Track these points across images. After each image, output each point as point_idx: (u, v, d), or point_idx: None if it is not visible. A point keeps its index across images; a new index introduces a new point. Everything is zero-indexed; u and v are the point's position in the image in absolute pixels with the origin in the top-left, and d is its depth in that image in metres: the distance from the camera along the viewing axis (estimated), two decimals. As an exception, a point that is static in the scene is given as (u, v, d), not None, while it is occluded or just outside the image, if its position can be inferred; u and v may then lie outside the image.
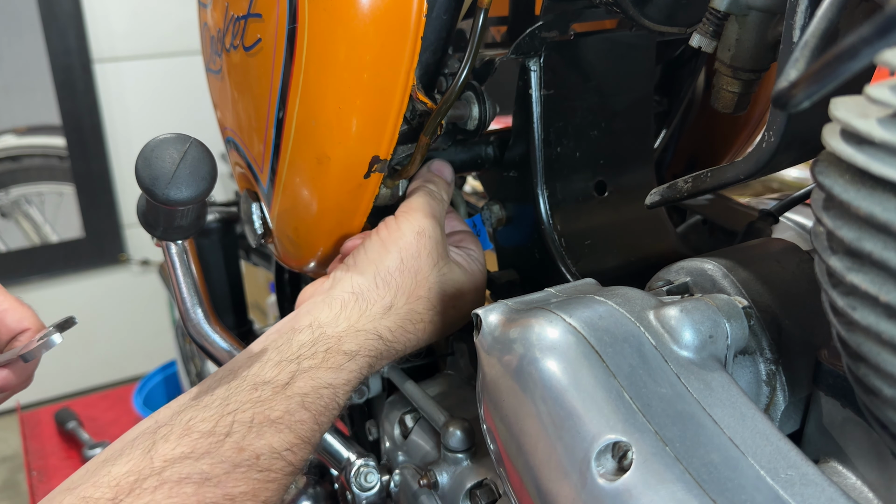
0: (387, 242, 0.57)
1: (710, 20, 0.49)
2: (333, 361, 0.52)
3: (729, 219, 0.74)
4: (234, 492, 0.45)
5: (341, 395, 0.52)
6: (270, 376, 0.49)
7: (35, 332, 0.61)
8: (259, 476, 0.46)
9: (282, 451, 0.47)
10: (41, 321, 0.63)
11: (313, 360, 0.51)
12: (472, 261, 0.62)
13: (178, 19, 2.13)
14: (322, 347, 0.52)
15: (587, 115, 0.64)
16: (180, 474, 0.43)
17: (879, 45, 0.25)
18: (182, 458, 0.44)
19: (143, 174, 0.49)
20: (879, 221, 0.28)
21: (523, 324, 0.41)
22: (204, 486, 0.43)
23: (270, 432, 0.47)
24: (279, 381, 0.49)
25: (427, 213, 0.58)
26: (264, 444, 0.47)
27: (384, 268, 0.56)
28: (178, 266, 0.62)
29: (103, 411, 1.99)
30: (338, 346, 0.52)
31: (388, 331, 0.55)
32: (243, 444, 0.46)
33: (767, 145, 0.44)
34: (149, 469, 0.43)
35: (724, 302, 0.43)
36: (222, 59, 0.69)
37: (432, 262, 0.58)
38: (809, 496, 0.33)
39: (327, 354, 0.51)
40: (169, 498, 0.42)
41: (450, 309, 0.59)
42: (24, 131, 2.11)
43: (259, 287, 1.92)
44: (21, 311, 0.62)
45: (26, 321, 0.61)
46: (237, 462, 0.45)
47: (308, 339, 0.52)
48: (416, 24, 0.53)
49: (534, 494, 0.39)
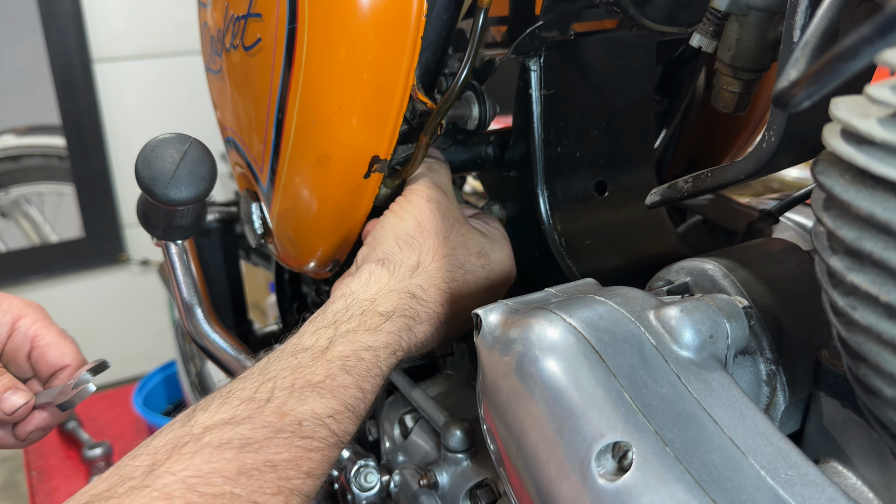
0: (400, 213, 0.58)
1: (711, 20, 0.49)
2: (370, 323, 0.51)
3: (729, 219, 0.74)
4: (275, 458, 0.43)
5: (383, 358, 0.51)
6: (309, 343, 0.49)
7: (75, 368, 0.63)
8: (302, 444, 0.44)
9: (325, 417, 0.46)
10: (82, 356, 0.64)
11: (350, 323, 0.51)
12: (493, 228, 0.63)
13: (178, 19, 2.13)
14: (357, 311, 0.51)
15: (587, 115, 0.64)
16: (220, 439, 0.42)
17: (879, 45, 0.25)
18: (222, 423, 0.43)
19: (143, 174, 0.49)
20: (880, 221, 0.28)
21: (523, 324, 0.41)
22: (244, 451, 0.42)
23: (313, 397, 0.46)
24: (318, 347, 0.49)
25: (431, 183, 0.59)
26: (307, 409, 0.45)
27: (403, 232, 0.57)
28: (178, 266, 0.62)
29: (103, 411, 1.98)
30: (372, 307, 0.52)
31: (420, 289, 0.55)
32: (285, 409, 0.44)
33: (768, 145, 0.44)
34: (188, 436, 0.42)
35: (724, 302, 0.43)
36: (222, 59, 0.69)
37: (449, 223, 0.58)
38: (810, 496, 0.33)
39: (363, 317, 0.51)
40: (208, 463, 0.41)
41: (479, 269, 0.59)
42: (24, 131, 2.11)
43: (259, 287, 1.92)
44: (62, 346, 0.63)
45: (67, 357, 0.63)
46: (279, 427, 0.44)
47: (342, 307, 0.52)
48: (416, 23, 0.53)
49: (534, 494, 0.39)
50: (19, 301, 0.63)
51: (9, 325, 0.62)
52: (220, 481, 0.40)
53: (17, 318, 0.62)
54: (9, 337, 0.62)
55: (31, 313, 0.63)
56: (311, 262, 0.68)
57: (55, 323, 0.64)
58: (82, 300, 2.21)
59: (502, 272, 0.61)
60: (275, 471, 0.43)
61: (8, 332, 0.62)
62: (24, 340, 0.62)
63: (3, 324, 0.62)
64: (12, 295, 0.64)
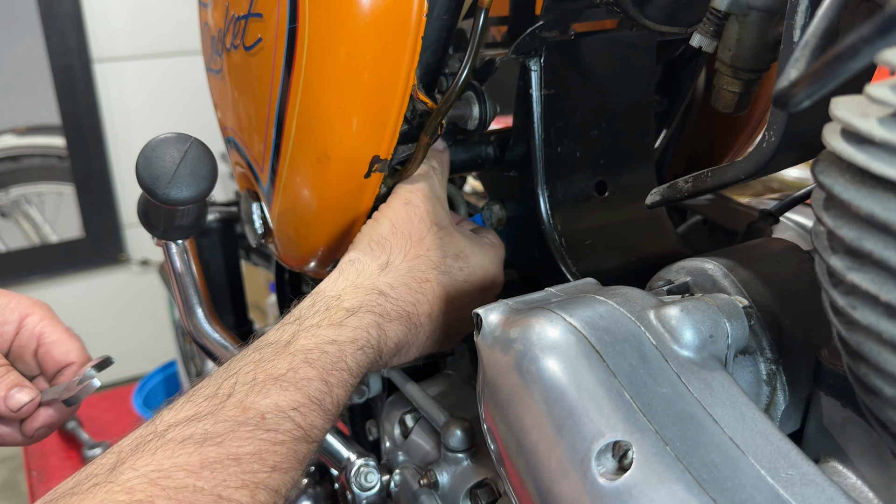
0: (378, 216, 0.59)
1: (711, 20, 0.49)
2: (335, 318, 0.51)
3: (729, 219, 0.74)
4: (239, 451, 0.43)
5: (349, 353, 0.50)
6: (273, 339, 0.49)
7: (80, 364, 0.64)
8: (266, 437, 0.44)
9: (288, 410, 0.46)
10: (87, 353, 0.65)
11: (314, 318, 0.51)
12: (481, 235, 0.63)
13: (178, 19, 2.13)
14: (322, 306, 0.52)
15: (588, 115, 0.64)
16: (182, 435, 0.42)
17: (879, 45, 0.25)
18: (185, 420, 0.43)
19: (143, 174, 0.49)
20: (880, 221, 0.28)
21: (524, 323, 0.41)
22: (206, 445, 0.42)
23: (275, 390, 0.46)
24: (281, 341, 0.49)
25: (413, 187, 0.59)
26: (269, 402, 0.45)
27: (376, 234, 0.57)
28: (178, 266, 0.62)
29: (103, 411, 1.98)
30: (338, 303, 0.52)
31: (388, 286, 0.55)
32: (247, 402, 0.45)
33: (768, 145, 0.44)
34: (152, 434, 0.43)
35: (724, 302, 0.43)
36: (223, 59, 0.69)
37: (426, 226, 0.58)
38: (809, 496, 0.33)
39: (328, 312, 0.51)
40: (170, 458, 0.41)
41: (456, 271, 0.59)
42: (24, 131, 2.11)
43: (259, 287, 1.92)
44: (68, 343, 0.64)
45: (72, 354, 0.63)
46: (241, 421, 0.44)
47: (308, 303, 0.52)
48: (417, 23, 0.53)
49: (534, 494, 0.39)
50: (26, 300, 0.64)
51: (16, 322, 0.63)
52: (182, 475, 0.41)
53: (24, 316, 0.63)
54: (16, 335, 0.63)
55: (38, 311, 0.64)
56: (311, 262, 0.68)
57: (61, 321, 0.65)
58: (82, 300, 2.21)
59: (483, 276, 0.61)
60: (238, 464, 0.43)
61: (15, 329, 0.63)
62: (31, 338, 0.63)
63: (11, 322, 0.63)
64: (19, 294, 0.64)
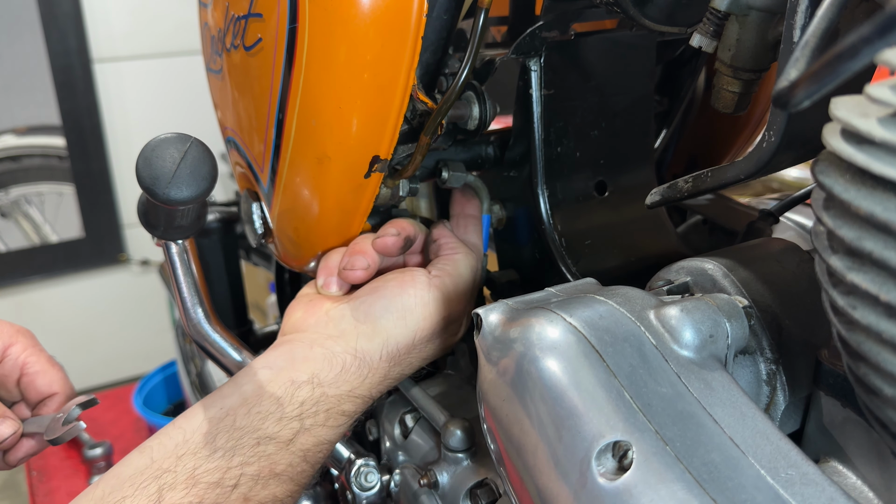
0: (407, 318, 0.57)
1: (711, 20, 0.49)
2: (334, 422, 0.54)
3: (729, 219, 0.74)
4: None
5: (335, 443, 0.56)
6: (273, 431, 0.51)
7: (63, 395, 0.64)
8: None
9: (283, 497, 0.51)
10: (70, 384, 0.65)
11: (315, 418, 0.53)
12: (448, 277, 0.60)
13: (178, 19, 2.13)
14: (323, 408, 0.54)
15: (587, 115, 0.64)
16: None
17: (879, 45, 0.25)
18: None
19: (143, 174, 0.49)
20: (880, 221, 0.28)
21: (524, 323, 0.41)
22: None
23: (274, 483, 0.50)
24: (283, 437, 0.51)
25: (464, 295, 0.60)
26: (268, 493, 0.50)
27: (394, 342, 0.57)
28: (178, 266, 0.62)
29: (103, 411, 1.98)
30: (338, 406, 0.54)
31: (378, 392, 0.58)
32: (249, 494, 0.49)
33: (768, 145, 0.44)
34: None
35: (724, 301, 0.43)
36: (223, 59, 0.69)
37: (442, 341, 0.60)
38: (809, 496, 0.33)
39: (328, 415, 0.54)
40: None
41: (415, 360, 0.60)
42: (24, 131, 2.11)
43: (259, 287, 1.92)
44: (51, 374, 0.64)
45: (55, 385, 0.63)
46: None
47: (309, 398, 0.53)
48: (417, 23, 0.53)
49: (534, 494, 0.39)
50: (10, 327, 0.64)
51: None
52: None
53: (7, 346, 0.63)
54: None
55: (22, 340, 0.63)
56: (311, 262, 0.68)
57: (44, 350, 0.65)
58: (82, 300, 2.21)
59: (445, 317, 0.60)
60: None
61: None
62: (14, 367, 0.63)
63: None
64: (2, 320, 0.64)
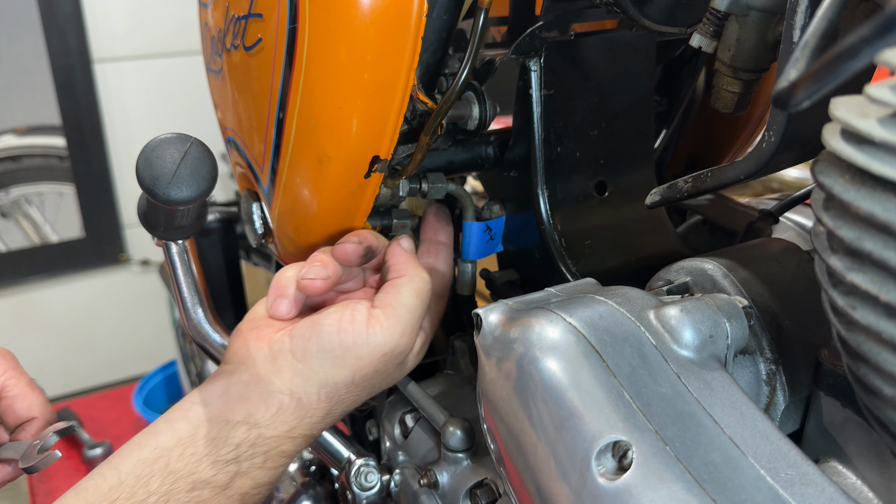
0: (346, 358, 0.53)
1: (711, 20, 0.49)
2: (273, 463, 0.53)
3: (729, 219, 0.74)
4: None
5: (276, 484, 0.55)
6: (208, 476, 0.50)
7: (43, 420, 0.63)
8: None
9: None
10: (50, 408, 0.64)
11: (252, 461, 0.52)
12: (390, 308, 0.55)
13: (178, 19, 2.13)
14: (261, 450, 0.52)
15: (587, 115, 0.64)
16: None
17: (879, 45, 0.25)
18: None
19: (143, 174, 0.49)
20: (879, 221, 0.28)
21: (523, 323, 0.41)
22: None
23: None
24: (219, 482, 0.50)
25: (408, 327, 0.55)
26: None
27: (332, 382, 0.54)
28: (178, 266, 0.62)
29: (103, 411, 1.98)
30: (276, 447, 0.53)
31: (319, 430, 0.56)
32: None
33: (767, 145, 0.44)
34: None
35: (724, 302, 0.43)
36: (223, 59, 0.69)
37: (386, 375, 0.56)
38: (809, 496, 0.33)
39: (267, 457, 0.52)
40: None
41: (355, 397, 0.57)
42: (24, 131, 2.11)
43: (259, 287, 1.92)
44: (31, 397, 0.63)
45: (35, 409, 0.63)
46: None
47: (245, 439, 0.51)
48: (417, 24, 0.53)
49: (534, 494, 0.39)
50: None
51: None
52: None
53: None
54: None
55: (2, 362, 0.63)
56: (311, 262, 0.68)
57: (25, 372, 0.64)
58: (82, 300, 2.21)
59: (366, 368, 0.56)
60: None
61: None
62: None
63: None
64: None
